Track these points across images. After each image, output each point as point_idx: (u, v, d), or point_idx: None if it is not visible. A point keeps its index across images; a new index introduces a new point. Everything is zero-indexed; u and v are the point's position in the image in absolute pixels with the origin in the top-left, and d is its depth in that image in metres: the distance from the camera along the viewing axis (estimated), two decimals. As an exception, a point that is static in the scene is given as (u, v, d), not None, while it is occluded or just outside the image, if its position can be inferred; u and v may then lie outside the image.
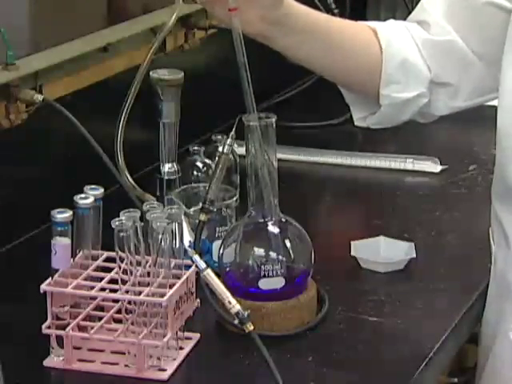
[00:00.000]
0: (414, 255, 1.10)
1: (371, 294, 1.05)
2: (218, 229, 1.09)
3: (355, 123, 1.15)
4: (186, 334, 0.96)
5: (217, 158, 1.05)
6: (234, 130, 1.00)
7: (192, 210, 1.09)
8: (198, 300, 0.97)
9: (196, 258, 0.94)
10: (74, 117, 1.08)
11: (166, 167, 1.16)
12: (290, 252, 0.99)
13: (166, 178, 1.15)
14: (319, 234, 1.09)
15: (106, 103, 1.20)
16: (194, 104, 1.21)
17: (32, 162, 1.16)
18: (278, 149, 1.00)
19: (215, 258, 1.05)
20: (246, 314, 0.91)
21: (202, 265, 0.94)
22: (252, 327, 0.91)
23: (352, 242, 1.12)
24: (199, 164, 1.19)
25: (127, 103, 1.16)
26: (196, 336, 0.97)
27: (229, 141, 1.02)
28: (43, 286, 0.92)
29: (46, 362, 0.93)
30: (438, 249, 1.16)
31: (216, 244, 1.07)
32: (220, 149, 1.07)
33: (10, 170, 1.13)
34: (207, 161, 1.19)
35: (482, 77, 1.07)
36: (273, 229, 1.00)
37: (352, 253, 1.10)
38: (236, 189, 1.14)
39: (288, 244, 0.99)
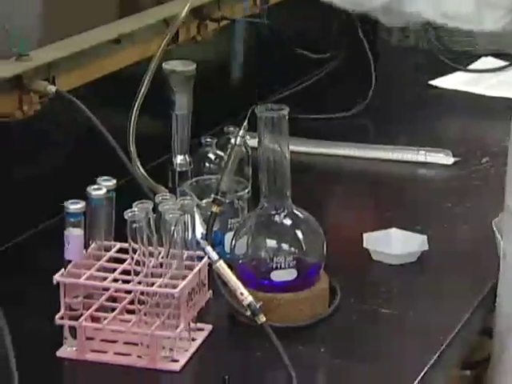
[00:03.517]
0: (427, 247, 1.10)
1: (383, 286, 1.05)
2: (230, 220, 1.09)
3: None
4: (199, 325, 0.97)
5: (229, 150, 1.05)
6: (246, 121, 1.01)
7: (204, 201, 1.09)
8: (211, 291, 0.98)
9: (208, 249, 0.95)
10: (87, 108, 1.09)
11: (179, 159, 1.16)
12: (302, 244, 0.99)
13: (178, 169, 1.16)
14: (331, 226, 1.09)
15: (118, 95, 1.21)
16: (206, 96, 1.21)
17: (44, 154, 1.17)
18: (290, 141, 1.00)
19: (227, 249, 1.06)
20: (258, 305, 0.92)
21: (215, 256, 0.95)
22: (264, 319, 0.91)
23: (364, 234, 1.12)
24: (211, 156, 1.19)
25: (140, 95, 1.16)
26: (208, 327, 0.98)
27: (241, 132, 1.02)
28: (56, 277, 0.93)
29: (59, 353, 0.94)
30: (451, 241, 1.16)
31: (228, 236, 1.07)
32: (232, 140, 1.07)
33: (23, 161, 1.14)
34: (219, 152, 1.19)
35: None
36: (285, 220, 1.00)
37: (364, 245, 1.11)
38: (248, 181, 1.14)
39: (300, 236, 0.99)
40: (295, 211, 1.01)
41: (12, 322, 0.85)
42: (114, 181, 0.97)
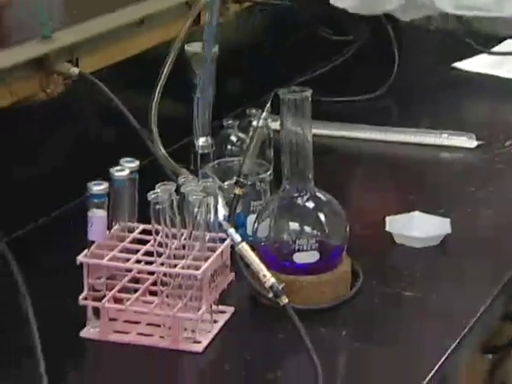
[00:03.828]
0: (450, 231, 1.10)
1: (406, 270, 1.05)
2: (252, 203, 1.10)
3: (331, 1, 1.12)
4: (220, 307, 0.97)
5: (251, 132, 1.06)
6: (269, 103, 1.01)
7: (226, 183, 1.10)
8: (233, 273, 0.98)
9: (231, 231, 0.95)
10: (110, 90, 1.10)
11: (201, 141, 1.17)
12: (325, 226, 1.00)
13: (200, 151, 1.17)
14: (353, 209, 1.10)
15: (140, 77, 1.21)
16: (228, 78, 1.22)
17: (67, 135, 1.17)
18: (313, 123, 1.00)
19: (249, 232, 1.06)
20: (280, 287, 0.92)
21: (237, 238, 0.95)
22: (286, 300, 0.92)
23: (387, 218, 1.12)
24: (233, 138, 1.19)
25: (162, 77, 1.17)
26: (230, 309, 0.98)
27: (264, 114, 1.03)
28: (80, 258, 0.94)
29: (83, 333, 0.95)
30: (474, 225, 1.16)
31: (250, 218, 1.08)
32: (254, 123, 1.08)
33: (46, 142, 1.15)
34: (241, 135, 1.19)
35: None
36: (307, 203, 1.00)
37: (387, 228, 1.11)
38: (270, 163, 1.15)
39: (322, 218, 1.00)
40: (317, 194, 1.01)
41: (36, 302, 0.87)
42: (137, 162, 0.97)
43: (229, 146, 1.19)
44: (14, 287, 0.87)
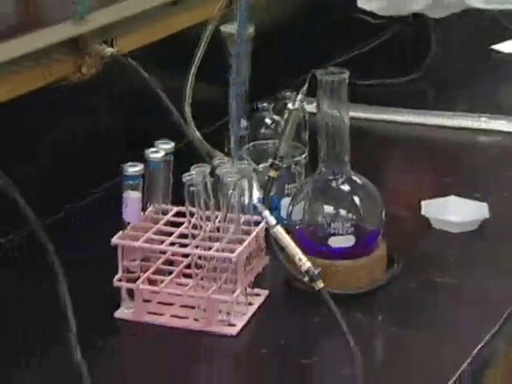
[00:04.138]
0: (488, 215, 1.10)
1: (442, 255, 1.05)
2: (286, 186, 1.10)
3: (358, 4, 1.12)
4: (255, 290, 0.98)
5: (287, 114, 1.06)
6: (307, 84, 1.01)
7: (261, 166, 1.10)
8: (267, 257, 0.98)
9: (266, 213, 0.95)
10: (144, 71, 1.10)
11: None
12: (360, 210, 0.99)
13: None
14: (389, 192, 1.09)
15: (175, 58, 1.21)
16: (263, 59, 1.21)
17: (102, 116, 1.18)
18: (349, 106, 1.00)
19: (284, 215, 1.06)
20: (316, 271, 0.92)
21: (273, 221, 0.95)
22: (322, 285, 0.92)
23: (423, 202, 1.12)
24: (268, 121, 1.19)
25: (196, 58, 1.17)
26: (265, 293, 0.98)
27: (300, 96, 1.02)
28: (114, 240, 0.94)
29: (117, 314, 0.95)
30: (511, 210, 1.15)
31: (285, 201, 1.08)
32: (290, 105, 1.07)
33: (80, 124, 1.15)
34: (276, 117, 1.19)
35: None
36: (343, 186, 1.00)
37: (423, 212, 1.10)
38: (305, 146, 1.15)
39: (358, 202, 1.00)
40: (353, 177, 1.01)
41: (72, 283, 0.88)
42: (172, 144, 0.98)
43: (263, 129, 1.19)
44: (50, 269, 0.87)
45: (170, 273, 0.97)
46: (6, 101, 1.01)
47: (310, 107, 1.07)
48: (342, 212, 0.99)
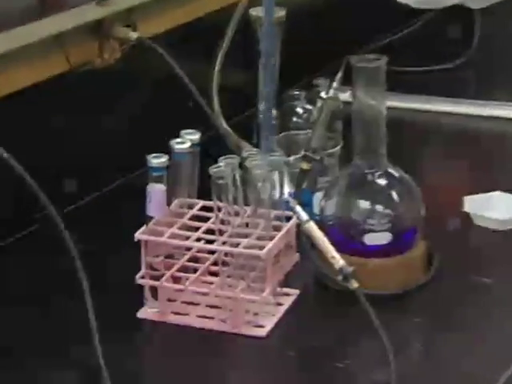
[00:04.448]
0: (534, 213, 1.09)
1: (485, 253, 1.05)
2: (319, 179, 1.10)
3: None
4: (285, 289, 0.98)
5: (320, 103, 1.06)
6: (341, 71, 1.01)
7: (292, 158, 1.10)
8: (298, 254, 0.99)
9: (298, 208, 0.96)
10: (169, 56, 1.10)
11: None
12: (398, 205, 1.00)
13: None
14: (428, 187, 1.08)
15: (202, 42, 1.22)
16: (295, 44, 1.21)
17: (124, 104, 1.18)
18: (387, 95, 1.00)
19: (316, 210, 1.07)
20: (350, 270, 0.92)
21: (305, 216, 0.95)
22: (357, 284, 0.92)
23: (465, 197, 1.11)
24: (299, 110, 1.20)
25: (224, 43, 1.17)
26: (295, 292, 0.99)
27: (335, 84, 1.03)
28: (137, 235, 0.95)
29: (140, 314, 0.96)
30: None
31: (317, 196, 1.08)
32: (323, 93, 1.07)
33: (103, 111, 1.15)
34: (308, 106, 1.20)
35: None
36: (379, 180, 1.00)
37: (465, 209, 1.10)
38: (339, 137, 1.15)
39: (395, 197, 1.00)
40: (390, 170, 1.01)
41: (93, 280, 0.88)
42: (199, 134, 0.98)
43: (294, 118, 1.19)
44: (70, 264, 0.88)
45: (196, 270, 0.97)
46: (28, 86, 1.02)
47: (345, 96, 1.07)
48: (378, 207, 0.99)
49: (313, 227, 0.95)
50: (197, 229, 0.98)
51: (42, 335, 0.92)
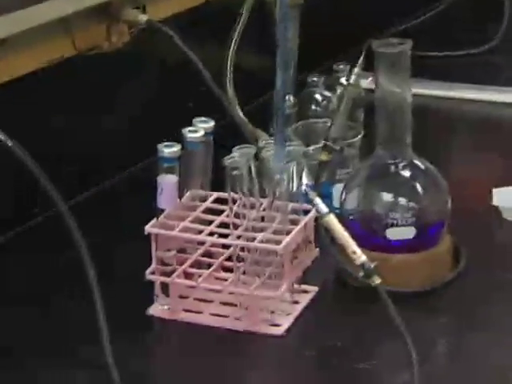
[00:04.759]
0: None
1: (515, 249, 1.06)
2: (338, 171, 1.11)
3: None
4: (303, 286, 0.99)
5: (341, 90, 1.06)
6: (363, 56, 1.01)
7: (311, 148, 1.11)
8: (317, 249, 0.99)
9: (317, 201, 0.96)
10: (180, 40, 1.11)
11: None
12: (423, 198, 1.00)
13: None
14: (456, 179, 1.09)
15: (214, 25, 1.22)
16: (313, 28, 1.22)
17: (133, 90, 1.19)
18: (411, 81, 1.00)
19: (336, 203, 1.07)
20: (372, 265, 0.93)
21: (324, 209, 0.96)
22: (379, 281, 0.92)
23: (494, 190, 1.12)
24: (318, 97, 1.20)
25: (239, 26, 1.17)
26: (314, 289, 0.99)
27: (356, 70, 1.03)
28: (148, 228, 0.95)
29: (150, 311, 0.97)
30: None
31: (337, 188, 1.09)
32: (343, 80, 1.08)
33: (109, 98, 1.16)
34: (327, 93, 1.20)
35: None
36: (403, 171, 1.01)
37: (494, 202, 1.11)
38: (361, 126, 1.15)
39: (420, 189, 1.00)
40: (415, 161, 1.01)
41: (100, 275, 0.89)
42: (212, 122, 0.99)
43: (313, 106, 1.20)
44: (73, 260, 0.89)
45: (209, 266, 0.98)
46: (34, 70, 1.03)
47: (366, 82, 1.08)
48: (402, 200, 1.00)
49: (333, 220, 0.95)
50: (210, 222, 0.99)
51: (42, 335, 0.93)
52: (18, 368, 0.89)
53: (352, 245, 0.94)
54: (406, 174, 1.01)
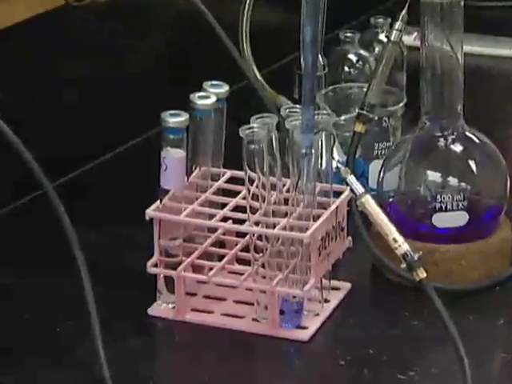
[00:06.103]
0: None
1: None
2: (376, 145, 1.13)
3: None
4: (333, 282, 1.01)
5: (379, 48, 1.08)
6: (406, 8, 1.03)
7: (343, 117, 1.13)
8: (350, 238, 1.02)
9: (351, 179, 0.97)
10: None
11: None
12: (477, 178, 1.02)
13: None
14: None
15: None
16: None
17: (137, 50, 1.21)
18: (465, 38, 1.02)
19: (372, 184, 1.10)
20: (416, 256, 0.94)
21: (360, 188, 0.97)
22: (424, 274, 0.94)
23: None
24: (352, 57, 1.23)
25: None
26: (346, 286, 1.02)
27: (398, 24, 1.05)
28: (149, 212, 0.97)
29: (152, 311, 0.99)
30: None
31: (374, 165, 1.12)
32: (382, 36, 1.10)
33: (107, 56, 1.18)
34: (363, 52, 1.22)
35: None
36: (454, 146, 1.03)
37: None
38: (403, 91, 1.18)
39: (474, 167, 1.02)
40: (468, 134, 1.03)
41: (94, 267, 0.92)
42: (227, 87, 1.01)
43: (346, 68, 1.22)
44: (65, 246, 0.91)
45: (222, 257, 1.00)
46: (20, 22, 1.05)
47: (410, 39, 1.10)
48: (452, 180, 1.02)
49: (370, 202, 0.97)
50: (223, 205, 1.01)
51: (43, 334, 0.96)
52: (18, 368, 0.92)
53: (393, 231, 0.95)
54: (458, 148, 1.03)
